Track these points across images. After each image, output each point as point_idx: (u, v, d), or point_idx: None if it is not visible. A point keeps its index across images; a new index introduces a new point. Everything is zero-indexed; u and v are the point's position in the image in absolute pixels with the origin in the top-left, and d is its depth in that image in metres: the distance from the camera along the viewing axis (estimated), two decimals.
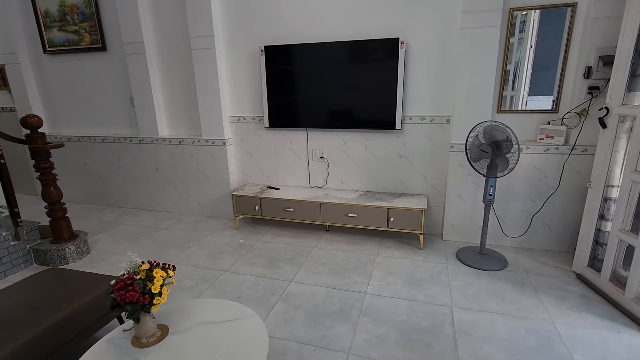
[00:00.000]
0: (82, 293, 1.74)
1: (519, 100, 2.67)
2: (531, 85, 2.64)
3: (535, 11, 2.48)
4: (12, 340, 1.38)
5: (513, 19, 2.52)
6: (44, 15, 3.69)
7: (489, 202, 2.53)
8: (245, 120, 3.39)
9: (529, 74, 2.62)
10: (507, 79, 2.64)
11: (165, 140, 3.57)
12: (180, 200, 3.73)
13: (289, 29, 3.02)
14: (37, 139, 2.53)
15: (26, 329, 1.44)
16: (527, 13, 2.50)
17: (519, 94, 2.68)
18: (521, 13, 2.50)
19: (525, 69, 2.62)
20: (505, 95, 2.68)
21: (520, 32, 2.59)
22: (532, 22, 2.55)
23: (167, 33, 3.37)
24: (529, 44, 2.61)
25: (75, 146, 3.97)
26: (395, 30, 2.77)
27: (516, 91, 2.68)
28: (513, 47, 2.60)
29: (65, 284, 1.83)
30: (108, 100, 3.79)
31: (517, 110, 2.68)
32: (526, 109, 2.66)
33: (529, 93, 2.64)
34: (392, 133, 3.00)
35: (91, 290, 1.76)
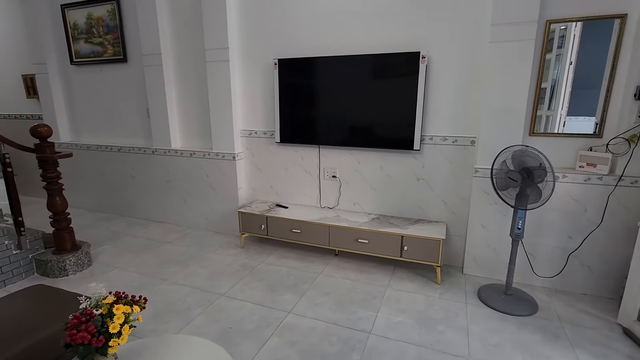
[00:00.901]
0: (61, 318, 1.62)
1: (555, 122, 2.37)
2: (570, 105, 2.34)
3: (576, 24, 2.21)
4: None
5: (550, 33, 2.25)
6: (72, 27, 3.80)
7: (517, 236, 2.22)
8: (257, 134, 3.27)
9: (568, 93, 2.32)
10: (542, 98, 2.36)
11: (177, 152, 3.52)
12: (188, 213, 3.65)
13: (303, 42, 2.90)
14: (45, 148, 2.52)
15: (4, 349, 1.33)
16: (567, 26, 2.22)
17: (556, 115, 2.38)
18: (559, 26, 2.23)
19: (564, 87, 2.33)
20: (540, 115, 2.39)
21: (559, 47, 2.31)
22: (573, 35, 2.26)
23: (183, 45, 3.35)
24: (569, 60, 2.32)
25: (94, 155, 4.01)
26: (416, 43, 2.57)
27: (553, 111, 2.38)
28: (550, 63, 2.32)
29: (48, 305, 1.73)
30: (126, 111, 3.82)
31: (553, 134, 2.38)
32: (563, 132, 2.35)
33: (568, 113, 2.34)
34: (409, 153, 2.77)
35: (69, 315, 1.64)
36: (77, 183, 4.18)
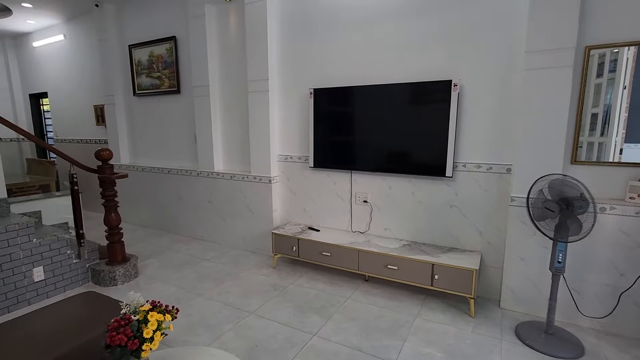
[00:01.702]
0: (106, 321, 1.80)
1: (609, 149, 2.22)
2: (627, 132, 2.18)
3: (629, 48, 2.11)
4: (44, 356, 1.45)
5: (590, 58, 2.18)
6: (137, 64, 4.32)
7: (557, 270, 2.08)
8: (292, 159, 3.43)
9: (624, 119, 2.18)
10: (593, 124, 2.25)
11: (219, 174, 3.77)
12: (227, 233, 3.84)
13: (337, 72, 3.05)
14: (105, 169, 2.85)
15: (47, 351, 1.51)
16: (619, 50, 2.13)
17: (610, 142, 2.22)
18: (611, 50, 2.13)
19: (618, 112, 2.20)
20: (582, 141, 2.27)
21: (611, 72, 2.22)
22: (626, 59, 2.16)
23: (228, 77, 3.66)
24: (622, 84, 2.21)
25: (147, 175, 4.42)
26: (448, 71, 2.61)
27: (607, 137, 2.23)
28: (601, 88, 2.22)
29: (96, 310, 1.92)
30: (176, 136, 4.20)
31: (600, 163, 2.23)
32: (621, 160, 2.18)
33: (625, 140, 2.18)
34: (442, 180, 2.74)
35: None
36: (131, 201, 4.59)
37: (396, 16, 2.74)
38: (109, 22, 4.32)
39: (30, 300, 2.59)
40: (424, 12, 2.64)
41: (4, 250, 2.41)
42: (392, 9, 2.74)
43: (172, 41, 3.96)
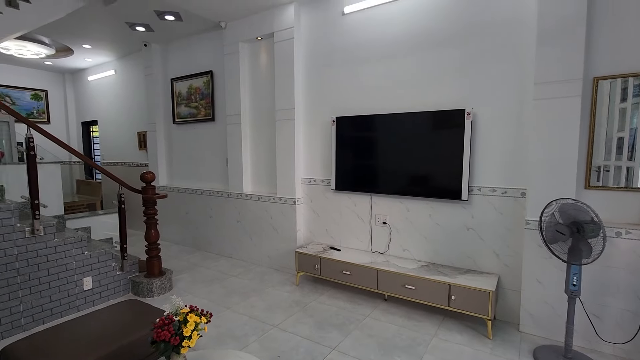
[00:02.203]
0: (147, 325, 2.02)
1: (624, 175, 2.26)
2: None
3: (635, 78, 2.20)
4: (88, 355, 1.68)
5: (598, 88, 2.29)
6: (177, 95, 4.79)
7: (572, 293, 2.12)
8: (316, 182, 3.65)
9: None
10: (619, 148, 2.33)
11: (248, 196, 4.05)
12: (253, 251, 4.06)
13: (357, 102, 3.29)
14: (148, 190, 3.18)
15: (101, 348, 1.75)
16: None
17: (637, 168, 2.26)
18: (634, 80, 2.22)
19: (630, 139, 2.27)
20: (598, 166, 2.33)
21: (635, 96, 2.31)
22: None
23: (258, 107, 4.00)
24: None
25: (182, 196, 4.77)
26: (462, 101, 2.77)
27: (635, 162, 2.26)
28: (626, 113, 2.30)
29: (138, 316, 2.16)
30: (210, 160, 4.55)
31: (616, 187, 2.28)
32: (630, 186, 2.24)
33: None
34: (458, 203, 2.85)
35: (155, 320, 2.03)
36: (167, 219, 4.95)
37: (412, 50, 2.97)
38: (155, 59, 4.85)
39: (79, 307, 2.88)
40: (437, 47, 2.85)
41: (61, 261, 2.74)
42: (408, 44, 2.98)
43: (209, 75, 4.38)
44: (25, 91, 6.10)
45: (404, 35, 2.99)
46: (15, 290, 2.51)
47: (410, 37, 2.96)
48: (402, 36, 3.00)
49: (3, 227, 2.42)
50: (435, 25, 2.84)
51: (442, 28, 2.81)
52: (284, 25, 3.54)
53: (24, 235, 2.53)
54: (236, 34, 3.92)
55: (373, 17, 3.13)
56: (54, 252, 2.70)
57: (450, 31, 2.78)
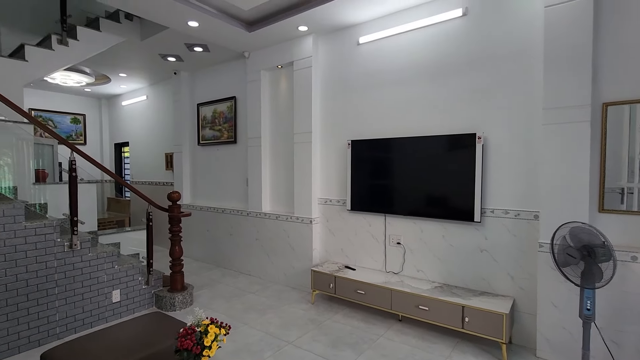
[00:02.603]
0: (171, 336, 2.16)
1: None
2: None
3: None
4: None
5: (608, 114, 2.33)
6: (202, 119, 5.10)
7: (587, 318, 2.11)
8: (332, 202, 3.77)
9: None
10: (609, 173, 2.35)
11: (266, 215, 4.21)
12: (270, 268, 4.18)
13: (372, 125, 3.43)
14: (174, 208, 3.39)
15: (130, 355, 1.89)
16: None
17: None
18: None
19: None
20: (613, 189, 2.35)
21: None
22: None
23: (277, 130, 4.21)
24: None
25: (205, 214, 5.00)
26: (473, 125, 2.86)
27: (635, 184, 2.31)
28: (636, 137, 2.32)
29: (161, 327, 2.31)
30: (231, 180, 4.78)
31: (630, 212, 2.29)
32: None
33: None
34: (471, 225, 2.89)
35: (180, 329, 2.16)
36: (190, 236, 5.17)
37: (423, 78, 3.11)
38: (183, 86, 5.21)
39: (107, 319, 3.07)
40: (448, 74, 2.98)
41: (94, 274, 2.95)
42: (420, 71, 3.12)
43: (232, 100, 4.67)
44: (66, 115, 6.62)
45: (416, 63, 3.14)
46: (53, 300, 2.72)
47: (422, 65, 3.11)
48: (415, 64, 3.15)
49: (46, 242, 2.66)
50: (446, 54, 2.98)
51: (453, 57, 2.95)
52: (303, 55, 3.78)
53: (63, 249, 2.76)
54: (258, 62, 4.20)
55: (386, 47, 3.31)
56: (88, 265, 2.91)
57: (460, 60, 2.91)
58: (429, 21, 3.03)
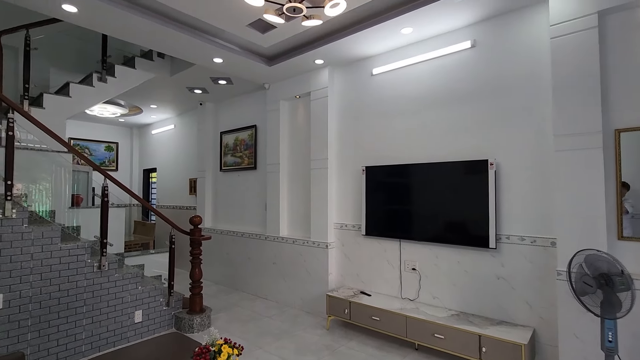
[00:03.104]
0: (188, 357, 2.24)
1: None
2: None
3: None
4: None
5: (621, 140, 2.33)
6: (225, 146, 5.36)
7: (609, 351, 2.02)
8: (347, 227, 3.82)
9: None
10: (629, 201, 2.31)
11: (283, 239, 4.30)
12: (287, 292, 4.22)
13: (386, 151, 3.52)
14: (195, 232, 3.55)
15: None
16: None
17: None
18: None
19: None
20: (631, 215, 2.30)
21: None
22: None
23: (295, 156, 4.37)
24: None
25: (225, 238, 5.15)
26: (484, 152, 2.90)
27: None
28: None
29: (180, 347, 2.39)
30: (250, 204, 4.94)
31: None
32: None
33: None
34: (487, 251, 2.86)
35: None
36: (210, 259, 5.31)
37: (435, 106, 3.20)
38: (208, 115, 5.53)
39: (129, 339, 3.18)
40: (459, 103, 3.06)
41: (119, 294, 3.10)
42: (431, 100, 3.23)
43: (253, 128, 4.91)
44: (101, 144, 7.11)
45: (428, 92, 3.25)
46: (81, 319, 2.88)
47: (434, 93, 3.22)
48: (426, 93, 3.26)
49: (77, 262, 2.86)
50: (456, 83, 3.08)
51: (463, 85, 3.04)
52: (319, 86, 3.98)
53: (92, 270, 2.94)
54: (277, 93, 4.44)
55: (399, 77, 3.45)
56: (114, 285, 3.07)
57: (471, 88, 3.00)
58: (439, 53, 3.16)
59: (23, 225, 2.63)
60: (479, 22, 2.96)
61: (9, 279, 2.55)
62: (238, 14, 2.90)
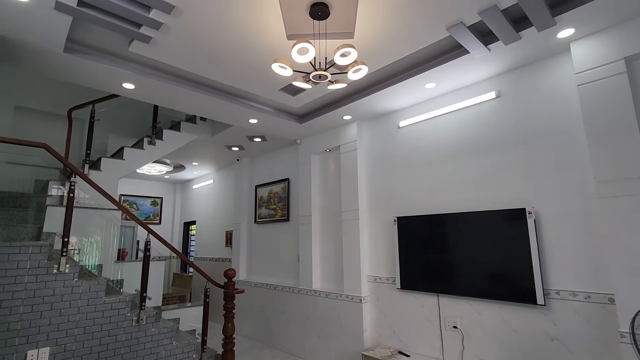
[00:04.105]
0: None
1: None
2: None
3: None
4: None
5: None
6: (259, 199, 5.57)
7: None
8: (381, 280, 3.70)
9: None
10: None
11: (317, 292, 4.21)
12: (321, 350, 4.03)
13: (417, 201, 3.49)
14: (229, 285, 3.59)
15: None
16: None
17: None
18: None
19: None
20: None
21: None
22: None
23: (326, 208, 4.43)
24: None
25: (258, 290, 5.13)
26: (521, 200, 2.80)
27: None
28: None
29: None
30: (283, 256, 4.96)
31: None
32: None
33: None
34: (535, 308, 2.63)
35: None
36: (243, 313, 5.26)
37: (466, 154, 3.20)
38: (244, 170, 5.85)
39: None
40: (488, 151, 3.04)
41: (154, 349, 3.13)
42: (462, 148, 3.23)
43: (286, 181, 5.10)
44: (147, 199, 7.64)
45: (456, 141, 3.27)
46: None
47: (461, 143, 3.23)
48: (455, 143, 3.28)
49: (118, 316, 2.97)
50: (484, 132, 3.09)
51: (491, 134, 3.04)
52: (348, 139, 4.14)
53: (131, 324, 3.03)
54: (309, 147, 4.65)
55: (426, 128, 3.53)
56: (150, 340, 3.12)
57: (500, 136, 2.99)
58: (464, 104, 3.23)
59: (74, 279, 2.83)
60: (502, 73, 3.03)
61: (57, 332, 2.70)
62: (271, 81, 3.20)
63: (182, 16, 2.27)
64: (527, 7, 2.18)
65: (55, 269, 2.75)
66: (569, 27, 2.39)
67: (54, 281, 2.73)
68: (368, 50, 2.70)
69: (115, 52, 2.78)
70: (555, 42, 2.57)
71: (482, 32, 2.55)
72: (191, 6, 2.18)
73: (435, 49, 2.78)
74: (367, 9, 2.24)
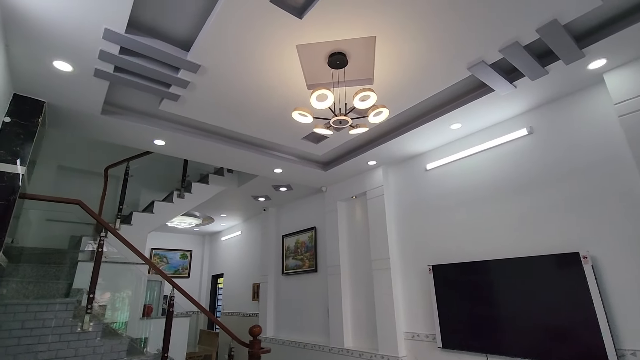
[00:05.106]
0: None
1: None
2: None
3: None
4: None
5: None
6: (286, 249, 5.44)
7: None
8: (419, 337, 3.34)
9: None
10: None
11: (349, 351, 3.85)
12: None
13: (453, 247, 3.23)
14: (254, 344, 3.36)
15: None
16: None
17: None
18: None
19: None
20: None
21: None
22: None
23: (355, 258, 4.22)
24: None
25: (286, 349, 4.79)
26: (571, 242, 2.51)
27: None
28: None
29: None
30: (312, 310, 4.67)
31: None
32: None
33: None
34: None
35: None
36: None
37: (501, 195, 2.98)
38: (270, 220, 5.81)
39: None
40: (527, 190, 2.82)
41: None
42: (496, 189, 3.03)
43: (312, 230, 4.98)
44: (177, 252, 7.71)
45: (488, 182, 3.08)
46: None
47: (495, 183, 3.03)
48: (487, 183, 3.09)
49: None
50: (519, 170, 2.89)
51: (527, 173, 2.84)
52: (375, 185, 4.04)
53: None
54: (334, 195, 4.58)
55: (455, 169, 3.38)
56: None
57: (536, 175, 2.78)
58: (494, 142, 3.09)
59: (97, 338, 2.75)
60: (533, 109, 2.91)
61: None
62: (293, 130, 3.24)
63: (207, 74, 2.40)
64: (551, 42, 2.12)
65: (79, 328, 2.69)
66: (600, 57, 2.28)
67: (77, 340, 2.66)
68: (388, 94, 2.70)
69: (147, 111, 2.95)
70: (586, 73, 2.46)
71: (506, 69, 2.49)
72: (215, 63, 2.30)
73: (459, 88, 2.74)
74: (384, 57, 2.27)
